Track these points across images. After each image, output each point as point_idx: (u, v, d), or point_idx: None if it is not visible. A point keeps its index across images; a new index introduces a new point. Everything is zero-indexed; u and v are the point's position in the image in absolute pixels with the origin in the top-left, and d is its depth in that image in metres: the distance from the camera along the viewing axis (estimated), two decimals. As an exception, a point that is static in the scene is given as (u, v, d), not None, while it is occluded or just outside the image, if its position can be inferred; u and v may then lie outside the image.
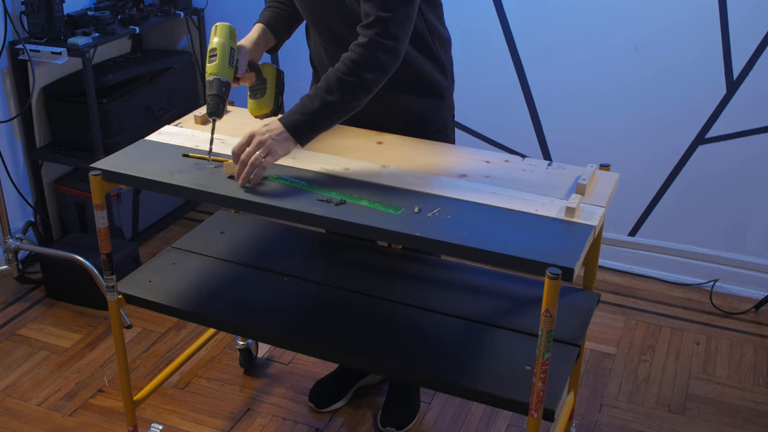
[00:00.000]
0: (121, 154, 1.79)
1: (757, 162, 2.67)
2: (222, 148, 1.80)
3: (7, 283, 2.81)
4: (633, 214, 2.91)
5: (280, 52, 3.18)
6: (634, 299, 2.82)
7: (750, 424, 2.23)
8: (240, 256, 1.99)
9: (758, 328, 2.66)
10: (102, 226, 1.72)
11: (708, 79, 2.63)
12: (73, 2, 2.90)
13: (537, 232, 1.47)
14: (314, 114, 1.64)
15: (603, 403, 2.30)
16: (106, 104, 2.80)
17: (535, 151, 2.95)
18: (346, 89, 1.63)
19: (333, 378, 2.29)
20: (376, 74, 1.64)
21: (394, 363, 1.63)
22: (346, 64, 1.63)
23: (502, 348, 1.66)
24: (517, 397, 1.51)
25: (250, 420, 2.21)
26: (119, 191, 2.89)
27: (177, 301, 1.82)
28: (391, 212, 1.53)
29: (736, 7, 2.51)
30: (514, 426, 2.21)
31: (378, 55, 1.63)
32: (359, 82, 1.63)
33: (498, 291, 1.85)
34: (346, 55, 1.65)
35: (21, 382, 2.35)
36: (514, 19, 2.79)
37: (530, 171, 1.71)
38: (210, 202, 1.64)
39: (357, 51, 1.63)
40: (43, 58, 2.66)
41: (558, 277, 1.33)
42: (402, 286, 1.87)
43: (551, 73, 2.82)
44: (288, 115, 1.65)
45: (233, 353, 2.48)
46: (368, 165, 1.72)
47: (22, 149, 2.87)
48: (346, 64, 1.63)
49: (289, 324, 1.76)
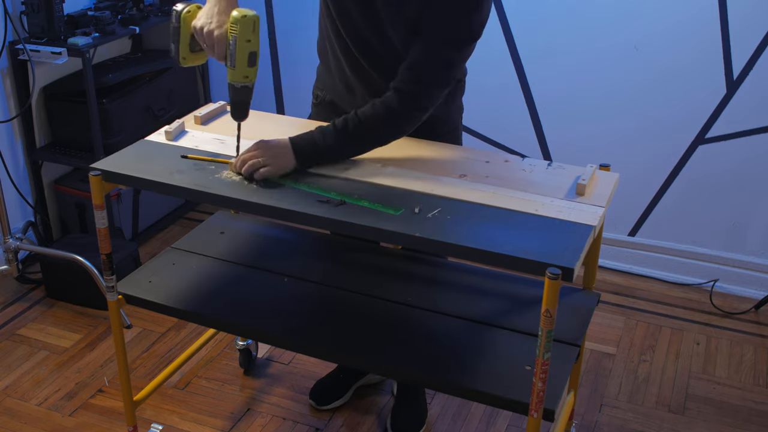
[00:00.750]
0: (121, 154, 1.78)
1: (757, 162, 2.67)
2: (222, 149, 1.80)
3: (7, 283, 2.81)
4: (633, 214, 2.91)
5: (280, 52, 3.19)
6: (634, 299, 2.82)
7: (750, 424, 2.23)
8: (240, 256, 1.99)
9: (758, 328, 2.66)
10: (102, 227, 1.72)
11: (708, 79, 2.63)
12: (73, 2, 2.90)
13: (537, 232, 1.47)
14: (325, 150, 1.68)
15: (603, 403, 2.30)
16: (106, 104, 2.80)
17: (535, 151, 2.95)
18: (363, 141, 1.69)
19: (333, 376, 2.29)
20: (400, 131, 1.70)
21: (394, 363, 1.63)
22: (373, 115, 1.65)
23: (502, 348, 1.66)
24: (517, 397, 1.51)
25: (250, 420, 2.21)
26: (119, 191, 2.89)
27: (177, 302, 1.82)
28: (391, 212, 1.53)
29: (736, 7, 2.51)
30: (514, 426, 2.21)
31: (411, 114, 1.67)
32: (378, 136, 1.70)
33: (498, 291, 1.85)
34: (377, 107, 1.65)
35: (21, 382, 2.35)
36: (514, 19, 2.79)
37: (530, 171, 1.71)
38: (210, 203, 1.64)
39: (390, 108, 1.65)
40: (43, 58, 2.66)
41: (558, 277, 1.33)
42: (402, 286, 1.86)
43: (551, 73, 2.82)
44: (301, 143, 1.67)
45: (233, 353, 2.48)
46: (368, 165, 1.72)
47: (22, 149, 2.87)
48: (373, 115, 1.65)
49: (290, 324, 1.76)
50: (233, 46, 1.58)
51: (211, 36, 1.61)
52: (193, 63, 1.71)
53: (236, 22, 1.56)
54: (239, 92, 1.64)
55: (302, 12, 3.06)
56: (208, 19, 1.61)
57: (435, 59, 1.63)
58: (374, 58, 1.74)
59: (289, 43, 3.15)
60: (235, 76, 1.61)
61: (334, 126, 1.68)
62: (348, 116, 1.68)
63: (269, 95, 3.28)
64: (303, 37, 3.09)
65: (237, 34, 1.57)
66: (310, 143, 1.67)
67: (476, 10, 1.59)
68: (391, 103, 1.65)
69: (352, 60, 1.78)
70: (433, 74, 1.64)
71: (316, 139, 1.68)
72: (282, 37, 3.11)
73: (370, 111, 1.66)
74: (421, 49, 1.63)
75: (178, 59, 1.69)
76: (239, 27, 1.56)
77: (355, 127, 1.66)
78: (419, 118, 1.69)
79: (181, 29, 1.66)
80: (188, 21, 1.66)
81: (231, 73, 1.61)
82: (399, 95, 1.65)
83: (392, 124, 1.67)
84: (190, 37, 1.67)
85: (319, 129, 1.69)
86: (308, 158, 1.68)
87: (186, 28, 1.66)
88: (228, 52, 1.60)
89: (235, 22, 1.56)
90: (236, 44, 1.57)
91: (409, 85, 1.64)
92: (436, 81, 1.65)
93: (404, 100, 1.65)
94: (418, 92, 1.64)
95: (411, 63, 1.64)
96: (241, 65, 1.60)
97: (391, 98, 1.65)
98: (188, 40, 1.67)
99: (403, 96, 1.64)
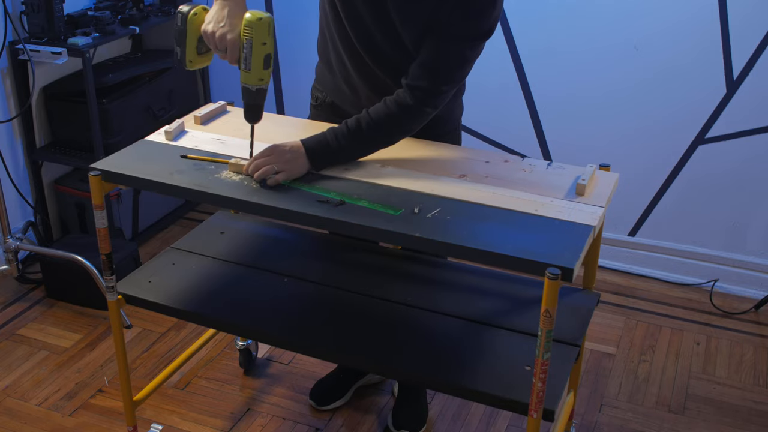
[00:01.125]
0: (121, 154, 1.78)
1: (757, 162, 2.67)
2: (222, 149, 1.80)
3: (7, 283, 2.81)
4: (633, 214, 2.91)
5: (280, 52, 3.18)
6: (634, 299, 2.81)
7: (750, 424, 2.23)
8: (240, 256, 1.99)
9: (758, 328, 2.66)
10: (102, 227, 1.72)
11: (708, 79, 2.63)
12: (73, 2, 2.90)
13: (537, 232, 1.47)
14: (338, 151, 1.69)
15: (603, 403, 2.30)
16: (106, 104, 2.80)
17: (535, 151, 2.95)
18: (376, 140, 1.70)
19: (333, 377, 2.29)
20: (411, 129, 1.72)
21: (394, 363, 1.63)
22: (387, 113, 1.66)
23: (501, 348, 1.66)
24: (517, 397, 1.51)
25: (250, 420, 2.21)
26: (119, 191, 2.89)
27: (177, 302, 1.82)
28: (390, 213, 1.53)
29: (736, 7, 2.51)
30: (514, 426, 2.21)
31: (424, 111, 1.68)
32: (391, 135, 1.71)
33: (498, 291, 1.85)
34: (390, 105, 1.66)
35: (21, 382, 2.35)
36: (514, 19, 2.79)
37: (530, 171, 1.71)
38: (210, 203, 1.64)
39: (404, 106, 1.65)
40: (43, 58, 2.66)
41: (558, 277, 1.33)
42: (402, 286, 1.86)
43: (551, 73, 2.82)
44: (314, 146, 1.67)
45: (233, 353, 2.48)
46: (368, 165, 1.72)
47: (22, 149, 2.87)
48: (387, 113, 1.66)
49: (290, 324, 1.76)
50: (248, 49, 1.55)
51: (224, 40, 1.58)
52: (200, 65, 1.68)
53: (251, 24, 1.54)
54: (254, 95, 1.62)
55: (302, 12, 3.06)
56: (219, 23, 1.58)
57: (449, 57, 1.64)
58: (381, 58, 1.74)
59: (289, 43, 3.15)
60: (250, 78, 1.59)
61: (346, 126, 1.68)
62: (360, 116, 1.68)
63: (269, 95, 3.28)
64: (303, 37, 3.09)
65: (252, 36, 1.54)
66: (323, 145, 1.67)
67: (491, 7, 1.61)
68: (405, 100, 1.65)
69: (357, 59, 1.77)
70: (448, 71, 1.65)
71: (329, 141, 1.68)
72: (282, 37, 3.11)
73: (383, 109, 1.67)
74: (435, 47, 1.63)
75: (184, 62, 1.66)
76: (254, 30, 1.54)
77: (368, 126, 1.67)
78: (429, 115, 1.70)
79: (187, 32, 1.62)
80: (195, 23, 1.62)
81: (246, 75, 1.59)
82: (413, 92, 1.65)
83: (407, 121, 1.68)
84: (198, 39, 1.64)
85: (332, 131, 1.69)
86: (322, 161, 1.68)
87: (193, 31, 1.62)
88: (242, 55, 1.57)
89: (249, 25, 1.54)
90: (251, 47, 1.55)
91: (423, 81, 1.64)
92: (450, 78, 1.65)
93: (418, 97, 1.65)
94: (432, 89, 1.65)
95: (424, 60, 1.65)
96: (257, 68, 1.58)
97: (404, 96, 1.65)
98: (195, 43, 1.64)
99: (417, 93, 1.65)
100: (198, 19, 1.62)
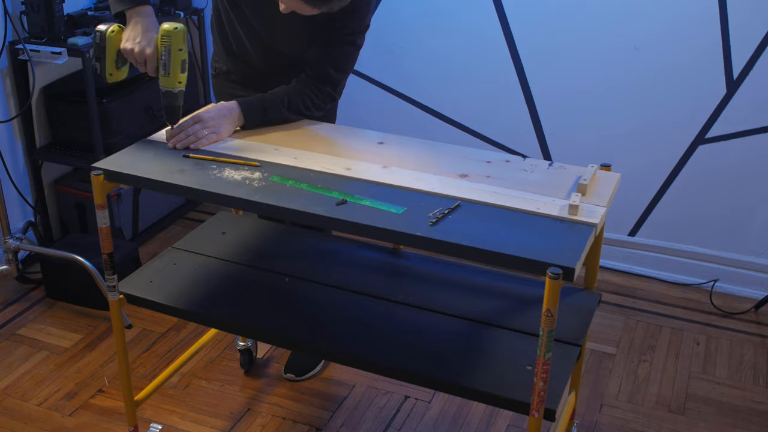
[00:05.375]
0: (122, 153, 1.79)
1: (757, 162, 2.67)
2: (222, 148, 1.80)
3: (7, 283, 2.81)
4: (633, 214, 2.92)
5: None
6: (634, 299, 2.82)
7: (750, 424, 2.23)
8: (241, 256, 1.99)
9: (758, 328, 2.66)
10: (104, 226, 1.72)
11: (708, 79, 2.63)
12: (73, 2, 2.90)
13: (538, 232, 1.47)
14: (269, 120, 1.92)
15: (603, 403, 2.31)
16: (106, 104, 2.80)
17: (535, 151, 2.95)
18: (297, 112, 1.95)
19: None
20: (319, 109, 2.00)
21: (396, 363, 1.63)
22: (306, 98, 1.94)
23: (502, 348, 1.66)
24: (518, 396, 1.51)
25: (250, 420, 2.21)
26: (119, 191, 2.89)
27: (178, 301, 1.82)
28: (392, 212, 1.53)
29: (736, 7, 2.52)
30: (514, 426, 2.21)
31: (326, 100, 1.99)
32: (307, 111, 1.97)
33: (499, 291, 1.86)
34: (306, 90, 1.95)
35: (21, 382, 2.35)
36: (514, 19, 2.80)
37: (531, 171, 1.71)
38: (211, 202, 1.64)
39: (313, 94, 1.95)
40: (43, 58, 2.66)
41: (559, 277, 1.33)
42: (402, 286, 1.87)
43: (551, 72, 2.82)
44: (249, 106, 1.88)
45: (233, 354, 2.48)
46: (369, 165, 1.73)
47: (22, 149, 2.87)
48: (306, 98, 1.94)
49: (290, 324, 1.76)
50: (167, 56, 1.74)
51: (143, 54, 1.75)
52: (118, 78, 1.83)
53: (168, 34, 1.72)
54: (176, 96, 1.78)
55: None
56: (135, 39, 1.76)
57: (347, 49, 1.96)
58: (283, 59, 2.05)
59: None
60: (170, 82, 1.76)
61: (279, 98, 1.92)
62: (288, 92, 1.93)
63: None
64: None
65: (170, 44, 1.73)
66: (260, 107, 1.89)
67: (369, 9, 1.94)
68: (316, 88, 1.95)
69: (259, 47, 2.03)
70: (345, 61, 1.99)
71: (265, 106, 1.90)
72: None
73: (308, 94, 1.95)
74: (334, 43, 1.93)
75: (105, 76, 1.81)
76: (172, 38, 1.73)
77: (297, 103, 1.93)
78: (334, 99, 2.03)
79: (106, 48, 1.78)
80: (113, 40, 1.78)
81: (165, 80, 1.76)
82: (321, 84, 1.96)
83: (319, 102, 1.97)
84: (116, 54, 1.79)
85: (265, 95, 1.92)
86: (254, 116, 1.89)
87: (111, 47, 1.78)
88: (161, 63, 1.75)
89: (167, 34, 1.73)
90: (170, 54, 1.73)
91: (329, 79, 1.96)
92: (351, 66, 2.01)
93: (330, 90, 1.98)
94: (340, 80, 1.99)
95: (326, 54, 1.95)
96: (176, 72, 1.75)
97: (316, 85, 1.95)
98: (114, 57, 1.80)
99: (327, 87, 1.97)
100: (116, 37, 1.79)
